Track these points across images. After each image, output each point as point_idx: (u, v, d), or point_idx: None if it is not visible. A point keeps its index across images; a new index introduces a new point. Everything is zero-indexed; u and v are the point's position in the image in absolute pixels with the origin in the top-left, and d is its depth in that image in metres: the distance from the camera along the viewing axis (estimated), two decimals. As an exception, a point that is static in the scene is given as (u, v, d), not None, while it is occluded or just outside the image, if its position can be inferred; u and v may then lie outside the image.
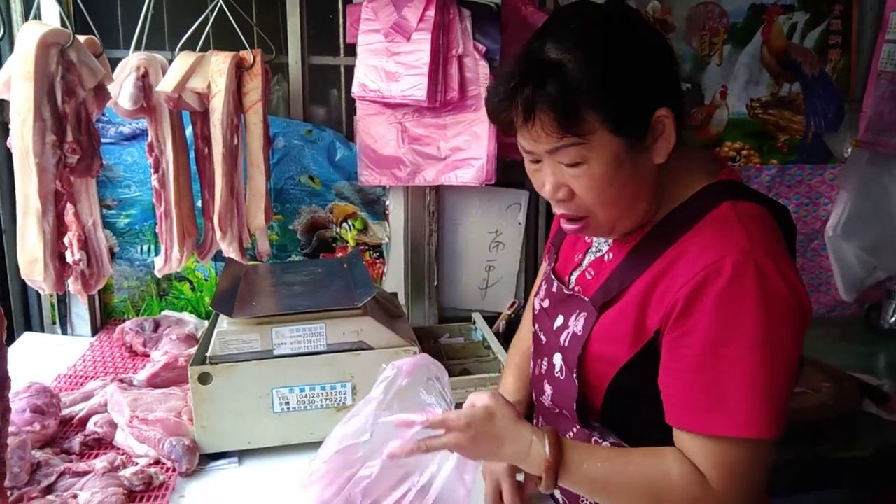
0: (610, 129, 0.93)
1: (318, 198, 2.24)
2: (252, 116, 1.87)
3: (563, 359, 1.08)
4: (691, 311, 0.92)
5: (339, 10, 2.21)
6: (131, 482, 1.35)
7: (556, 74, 0.92)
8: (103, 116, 2.08)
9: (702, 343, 0.91)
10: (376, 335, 1.53)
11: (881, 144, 2.41)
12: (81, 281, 1.67)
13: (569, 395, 1.06)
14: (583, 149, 0.94)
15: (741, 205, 0.98)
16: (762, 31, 2.38)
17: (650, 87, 0.95)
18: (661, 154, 0.97)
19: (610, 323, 1.02)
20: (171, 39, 2.04)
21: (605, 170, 0.95)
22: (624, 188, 0.98)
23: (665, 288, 0.96)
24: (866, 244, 2.46)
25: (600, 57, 0.92)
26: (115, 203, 2.16)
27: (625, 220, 1.02)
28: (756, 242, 0.92)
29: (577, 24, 0.96)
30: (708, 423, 0.92)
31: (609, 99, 0.92)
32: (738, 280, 0.89)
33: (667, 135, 0.96)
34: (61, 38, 1.47)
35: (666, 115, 0.95)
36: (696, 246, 0.95)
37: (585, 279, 1.11)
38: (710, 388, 0.91)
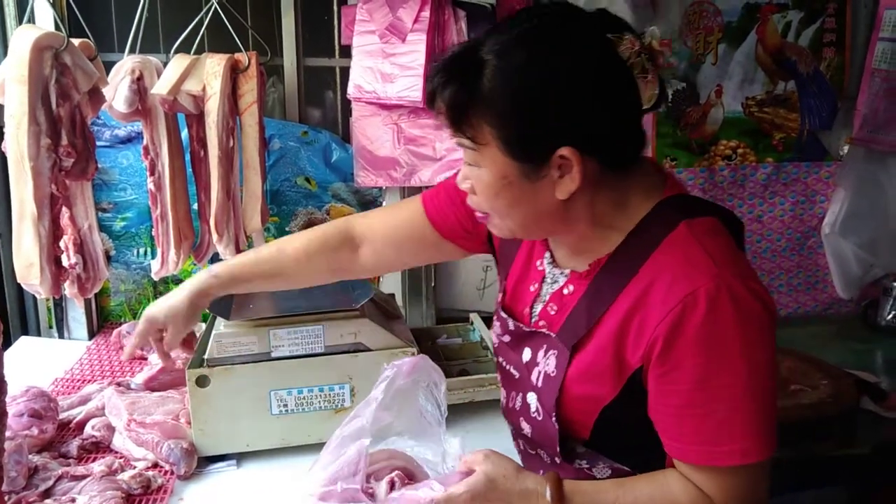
0: (500, 147, 0.91)
1: (314, 199, 2.24)
2: (247, 118, 1.87)
3: (539, 400, 1.05)
4: (673, 347, 0.90)
5: (333, 12, 2.20)
6: (129, 486, 1.35)
7: (469, 73, 0.90)
8: (98, 120, 2.07)
9: (689, 379, 0.90)
10: (374, 336, 1.52)
11: (876, 142, 2.41)
12: (77, 284, 1.67)
13: (549, 436, 1.04)
14: (478, 155, 0.94)
15: (696, 223, 0.95)
16: (757, 30, 2.38)
17: (555, 123, 0.90)
18: (563, 192, 0.93)
19: (587, 362, 0.99)
20: (166, 42, 2.04)
21: (492, 182, 0.94)
22: (516, 206, 0.96)
23: (640, 323, 0.93)
24: (863, 241, 2.46)
25: (515, 75, 0.88)
26: (110, 206, 2.16)
27: (527, 232, 1.02)
28: (722, 264, 0.91)
29: (523, 28, 0.91)
30: (708, 456, 0.92)
31: (506, 120, 0.90)
32: (715, 310, 0.88)
33: (572, 176, 0.91)
34: (55, 42, 1.47)
35: (568, 155, 0.90)
36: (664, 276, 0.92)
37: (548, 314, 1.06)
38: (705, 421, 0.91)
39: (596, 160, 0.92)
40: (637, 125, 0.96)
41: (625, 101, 0.93)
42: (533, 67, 0.89)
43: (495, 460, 1.02)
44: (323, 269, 1.31)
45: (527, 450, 1.15)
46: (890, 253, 2.48)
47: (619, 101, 0.93)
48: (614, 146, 0.94)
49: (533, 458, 1.14)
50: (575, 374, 1.00)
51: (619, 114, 0.93)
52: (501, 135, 0.90)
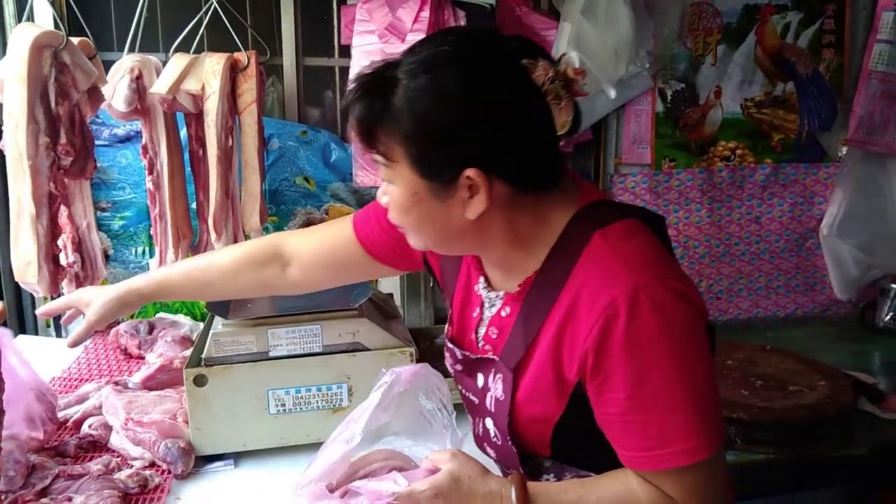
0: (409, 165, 0.92)
1: (313, 199, 2.24)
2: (246, 118, 1.87)
3: (495, 424, 1.06)
4: (602, 359, 0.91)
5: (333, 12, 2.21)
6: (126, 485, 1.35)
7: (380, 92, 0.91)
8: (97, 118, 2.07)
9: (623, 388, 0.91)
10: (372, 336, 1.52)
11: (872, 143, 2.42)
12: (76, 283, 1.67)
13: (511, 458, 1.06)
14: (390, 171, 0.95)
15: (609, 231, 0.96)
16: (756, 31, 2.39)
17: (460, 145, 0.90)
18: (472, 212, 0.94)
19: (530, 384, 1.00)
20: (165, 41, 2.04)
21: (404, 199, 0.96)
22: (427, 223, 0.97)
23: (571, 338, 0.94)
24: (861, 243, 2.47)
25: (423, 96, 0.89)
26: (109, 205, 2.16)
27: (442, 248, 1.03)
28: (638, 269, 0.91)
29: (437, 50, 0.91)
30: (656, 460, 0.92)
31: (414, 140, 0.90)
32: (636, 317, 0.88)
33: (480, 198, 0.92)
34: (54, 41, 1.47)
35: (474, 177, 0.90)
36: (586, 290, 0.93)
37: (491, 338, 1.07)
38: (646, 427, 0.91)
39: (505, 182, 0.93)
40: (550, 150, 0.96)
41: (535, 126, 0.93)
42: (440, 90, 0.89)
43: (462, 460, 1.03)
44: (250, 284, 1.32)
45: (503, 471, 1.15)
46: (888, 254, 2.48)
47: (528, 125, 0.93)
48: (524, 170, 0.94)
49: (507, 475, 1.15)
50: (522, 397, 1.01)
51: (529, 138, 0.93)
52: (410, 153, 0.92)
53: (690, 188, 2.44)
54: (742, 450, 1.64)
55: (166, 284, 1.33)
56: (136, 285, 1.32)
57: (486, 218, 0.95)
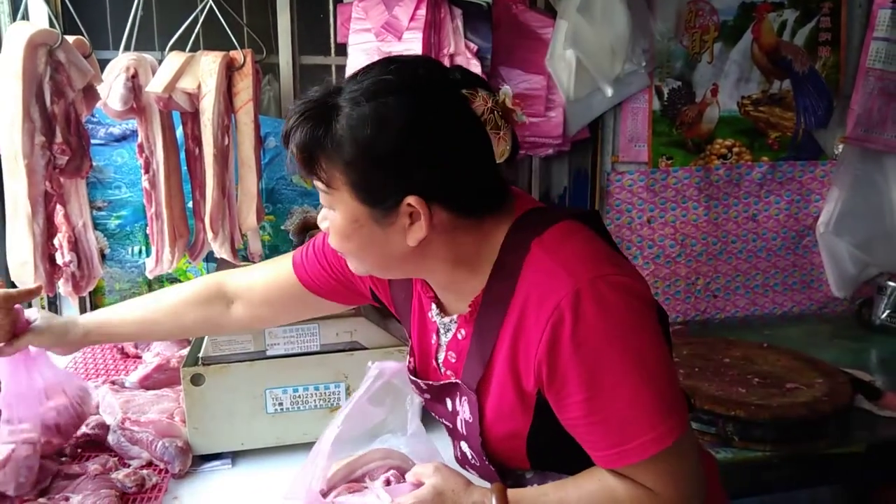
0: (350, 192, 0.93)
1: (310, 198, 2.24)
2: (243, 116, 1.86)
3: (469, 446, 1.07)
4: (555, 367, 0.91)
5: (329, 10, 2.20)
6: (124, 484, 1.35)
7: (321, 119, 0.91)
8: (93, 117, 2.06)
9: (579, 391, 0.91)
10: (370, 335, 1.52)
11: (870, 141, 2.42)
12: (72, 283, 1.67)
13: (491, 476, 1.06)
14: (331, 198, 0.95)
15: (545, 238, 0.96)
16: (753, 29, 2.39)
17: (400, 173, 0.91)
18: (413, 239, 0.94)
19: (495, 402, 1.00)
20: (161, 39, 2.04)
21: (344, 225, 0.96)
22: (367, 249, 0.97)
23: (524, 351, 0.95)
24: (858, 240, 2.47)
25: (361, 124, 0.89)
26: (105, 204, 2.15)
27: (384, 272, 1.04)
28: (576, 271, 0.91)
29: (380, 79, 0.92)
30: (625, 455, 0.92)
31: (354, 167, 0.91)
32: (581, 318, 0.89)
33: (420, 224, 0.93)
34: (49, 39, 1.46)
35: (415, 204, 0.91)
36: (531, 300, 0.93)
37: (450, 362, 1.08)
38: (608, 426, 0.92)
39: (445, 209, 0.93)
40: (490, 177, 0.97)
41: (475, 154, 0.94)
42: (383, 118, 0.89)
43: (445, 474, 1.03)
44: (195, 323, 1.31)
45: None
46: (884, 252, 2.49)
47: (467, 154, 0.93)
48: (464, 197, 0.95)
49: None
50: (490, 417, 1.01)
51: (468, 166, 0.94)
52: (351, 180, 0.92)
53: (687, 186, 2.44)
54: (739, 447, 1.65)
55: (109, 323, 1.30)
56: (78, 320, 1.30)
57: (428, 243, 0.95)
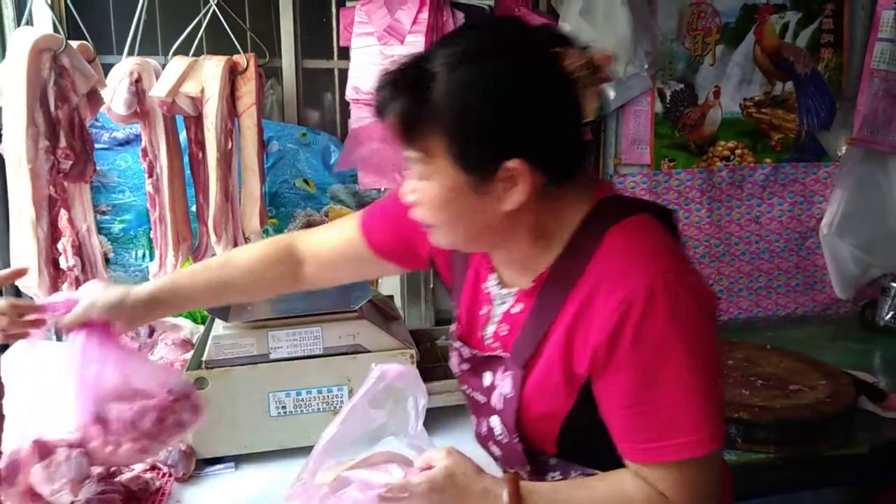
0: (451, 160, 0.91)
1: (313, 201, 2.24)
2: (246, 120, 1.87)
3: (502, 421, 1.06)
4: (615, 352, 0.91)
5: (332, 14, 2.21)
6: (128, 488, 1.35)
7: (419, 85, 0.89)
8: (96, 122, 2.07)
9: (633, 379, 0.91)
10: (372, 338, 1.52)
11: (876, 142, 2.42)
12: (76, 287, 1.67)
13: (517, 455, 1.06)
14: (426, 167, 0.93)
15: (625, 226, 0.96)
16: (755, 31, 2.39)
17: (505, 135, 0.90)
18: (509, 204, 0.94)
19: (539, 380, 1.00)
20: (164, 44, 2.04)
21: (440, 194, 0.94)
22: (462, 218, 0.96)
23: (584, 334, 0.95)
24: (861, 242, 2.47)
25: (464, 88, 0.88)
26: (109, 208, 2.16)
27: (470, 245, 1.03)
28: (654, 264, 0.92)
29: (473, 42, 0.92)
30: (658, 452, 0.93)
31: (455, 133, 0.90)
32: (652, 310, 0.89)
33: (520, 188, 0.92)
34: (53, 44, 1.47)
35: (516, 167, 0.90)
36: (602, 285, 0.93)
37: (500, 335, 1.07)
38: (651, 419, 0.92)
39: (542, 172, 0.93)
40: (581, 137, 0.97)
41: (570, 113, 0.94)
42: (481, 81, 0.89)
43: (457, 458, 1.02)
44: (272, 281, 1.29)
45: (505, 469, 1.15)
46: (887, 253, 2.48)
47: (564, 113, 0.93)
48: (560, 157, 0.95)
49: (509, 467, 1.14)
50: (530, 393, 1.01)
51: (565, 125, 0.94)
52: (451, 147, 0.91)
53: (690, 188, 2.44)
54: (743, 449, 1.64)
55: (180, 287, 1.23)
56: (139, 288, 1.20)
57: (518, 211, 0.95)
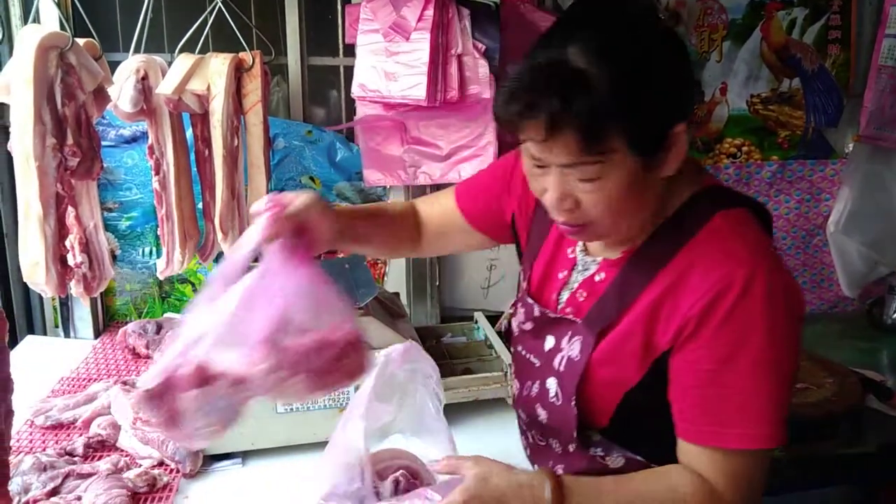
0: (630, 149, 0.89)
1: (318, 198, 2.24)
2: (252, 118, 1.87)
3: (560, 384, 1.06)
4: (702, 329, 0.93)
5: (337, 11, 2.21)
6: (135, 484, 1.35)
7: (583, 90, 0.86)
8: (103, 119, 2.08)
9: (714, 360, 0.92)
10: (379, 335, 1.52)
11: (883, 139, 2.40)
12: (83, 283, 1.68)
13: (568, 420, 1.05)
14: (600, 168, 0.90)
15: (731, 214, 0.98)
16: (761, 27, 2.38)
17: (672, 102, 0.91)
18: (671, 168, 0.94)
19: (614, 345, 1.00)
20: (171, 41, 2.04)
21: (618, 187, 0.92)
22: (632, 203, 0.95)
23: (673, 307, 0.95)
24: (868, 239, 2.46)
25: (628, 71, 0.86)
26: (116, 206, 2.16)
27: (626, 227, 1.02)
28: (757, 255, 0.94)
29: (601, 27, 0.90)
30: (720, 437, 0.93)
31: (634, 119, 0.88)
32: (747, 296, 0.91)
33: (679, 148, 0.93)
34: (60, 42, 1.47)
35: (682, 130, 0.92)
36: (700, 263, 0.95)
37: (577, 301, 1.08)
38: (722, 402, 0.93)
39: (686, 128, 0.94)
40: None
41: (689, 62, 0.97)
42: (638, 56, 0.88)
43: (482, 462, 1.03)
44: (402, 242, 1.35)
45: (536, 441, 1.15)
46: (895, 251, 2.47)
47: (689, 61, 0.96)
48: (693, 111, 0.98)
49: (543, 450, 1.14)
50: (600, 359, 1.01)
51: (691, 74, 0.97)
52: (632, 136, 0.88)
53: (696, 185, 2.43)
54: (749, 447, 1.64)
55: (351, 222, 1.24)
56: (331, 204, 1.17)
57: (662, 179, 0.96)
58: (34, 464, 1.37)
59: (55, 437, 1.56)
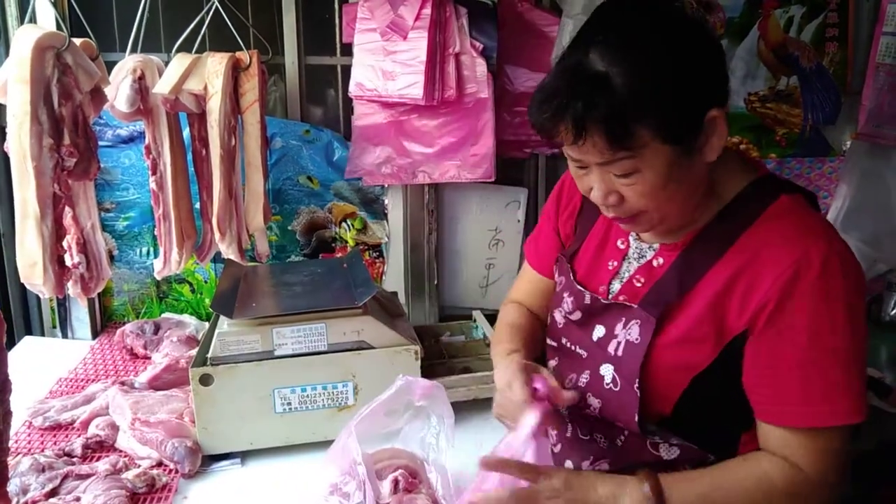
0: (662, 140, 0.91)
1: (316, 198, 2.24)
2: (249, 117, 1.86)
3: (617, 370, 1.05)
4: (786, 307, 0.93)
5: (335, 10, 2.20)
6: (134, 484, 1.35)
7: (604, 89, 0.89)
8: (100, 119, 2.07)
9: (802, 339, 0.93)
10: (377, 334, 1.52)
11: (881, 136, 2.41)
12: (81, 284, 1.67)
13: (629, 406, 1.04)
14: (635, 161, 0.93)
15: (795, 197, 1.00)
16: (759, 26, 2.37)
17: (700, 90, 0.93)
18: (714, 152, 0.96)
19: (682, 329, 1.00)
20: (167, 41, 2.04)
21: (657, 178, 0.94)
22: (677, 190, 0.97)
23: (748, 287, 0.96)
24: (866, 237, 2.46)
25: (648, 66, 0.89)
26: (113, 206, 2.16)
27: (677, 214, 1.02)
28: (828, 234, 0.95)
29: (621, 27, 0.93)
30: (812, 416, 0.94)
31: (659, 112, 0.90)
32: (828, 272, 0.92)
33: (719, 132, 0.94)
34: (57, 42, 1.47)
35: (718, 115, 0.93)
36: (773, 241, 0.95)
37: (634, 287, 1.08)
38: (814, 381, 0.93)
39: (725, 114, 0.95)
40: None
41: (720, 49, 0.98)
42: (658, 51, 0.90)
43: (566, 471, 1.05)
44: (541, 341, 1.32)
45: (577, 435, 1.15)
46: (893, 248, 2.47)
47: (719, 48, 0.97)
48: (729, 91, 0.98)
49: (583, 445, 1.14)
50: (667, 342, 1.01)
51: (723, 64, 0.97)
52: (660, 128, 0.91)
53: (694, 183, 2.43)
54: (748, 445, 1.64)
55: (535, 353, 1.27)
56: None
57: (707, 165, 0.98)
58: (32, 465, 1.37)
59: (53, 438, 1.56)
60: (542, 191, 2.34)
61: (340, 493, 1.17)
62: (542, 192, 2.33)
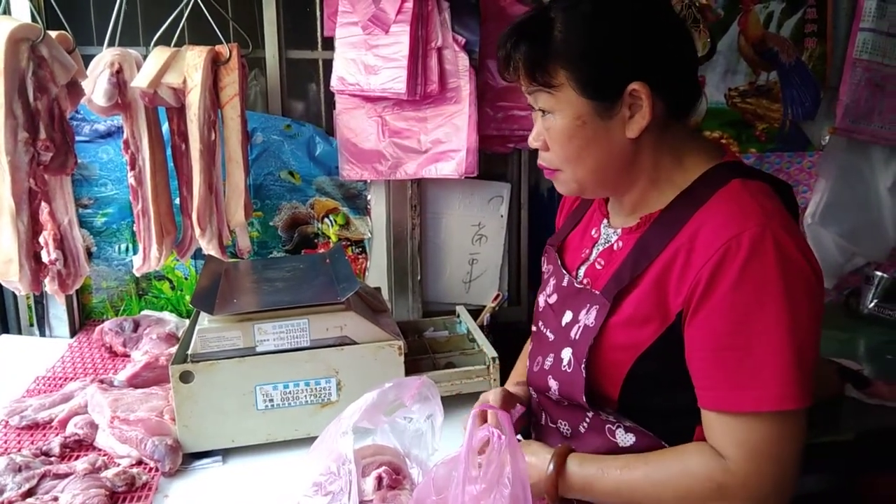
0: (574, 87, 0.98)
1: (298, 193, 2.22)
2: (229, 111, 1.84)
3: (573, 352, 1.06)
4: (714, 288, 0.92)
5: (315, 3, 2.18)
6: (113, 483, 1.33)
7: (542, 30, 0.98)
8: (77, 114, 2.04)
9: (728, 320, 0.91)
10: (360, 330, 1.52)
11: (858, 132, 2.44)
12: (58, 281, 1.65)
13: (576, 385, 1.05)
14: (551, 98, 1.00)
15: (750, 182, 1.00)
16: (739, 21, 2.39)
17: (625, 59, 0.96)
18: (634, 129, 0.99)
19: (628, 311, 1.01)
20: (146, 34, 2.02)
21: (566, 125, 1.00)
22: (587, 149, 1.01)
23: (683, 268, 0.96)
24: (845, 231, 2.49)
25: (584, 20, 0.97)
26: (91, 202, 2.13)
27: (594, 183, 1.06)
28: (770, 215, 0.94)
29: None
30: (737, 400, 0.92)
31: (577, 61, 0.97)
32: (758, 253, 0.90)
33: (642, 112, 0.97)
34: (31, 33, 1.44)
35: (639, 89, 0.96)
36: (710, 222, 0.95)
37: (595, 270, 1.11)
38: (739, 364, 0.91)
39: (661, 99, 0.98)
40: (695, 70, 1.06)
41: (683, 44, 1.02)
42: (600, 11, 0.97)
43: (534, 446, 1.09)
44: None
45: (547, 423, 1.16)
46: (871, 242, 2.50)
47: (678, 42, 1.01)
48: (677, 85, 1.01)
49: (551, 432, 1.16)
50: (615, 323, 1.02)
51: (679, 54, 1.01)
52: (576, 76, 0.97)
53: (676, 178, 2.44)
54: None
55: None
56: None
57: (640, 143, 1.01)
58: (8, 465, 1.35)
59: (31, 438, 1.54)
60: (525, 186, 2.34)
61: (324, 490, 1.16)
62: (525, 186, 2.33)
